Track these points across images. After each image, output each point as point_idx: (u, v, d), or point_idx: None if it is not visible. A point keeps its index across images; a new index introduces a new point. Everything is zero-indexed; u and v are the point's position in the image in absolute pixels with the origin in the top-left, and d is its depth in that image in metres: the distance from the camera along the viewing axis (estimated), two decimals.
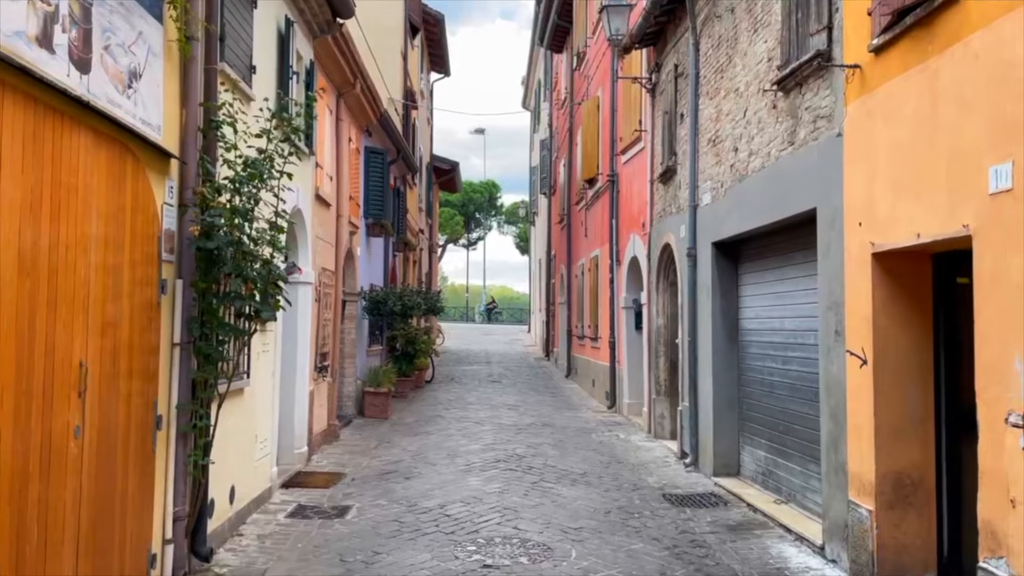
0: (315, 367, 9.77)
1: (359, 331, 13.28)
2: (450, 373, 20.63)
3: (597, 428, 12.26)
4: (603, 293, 15.17)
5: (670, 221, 10.58)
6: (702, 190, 9.11)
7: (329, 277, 10.51)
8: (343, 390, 12.59)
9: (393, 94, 17.60)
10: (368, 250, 14.07)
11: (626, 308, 13.37)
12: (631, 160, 13.07)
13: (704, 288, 9.02)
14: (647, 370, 11.81)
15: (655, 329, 11.42)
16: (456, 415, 13.35)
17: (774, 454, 7.69)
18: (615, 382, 13.92)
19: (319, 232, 9.91)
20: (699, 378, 9.17)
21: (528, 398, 15.88)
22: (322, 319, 10.08)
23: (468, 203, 52.40)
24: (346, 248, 11.83)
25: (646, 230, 11.98)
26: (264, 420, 7.40)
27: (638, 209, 12.57)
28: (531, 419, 13.01)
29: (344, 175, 11.33)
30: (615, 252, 13.96)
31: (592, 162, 16.10)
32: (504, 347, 31.32)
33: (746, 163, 7.72)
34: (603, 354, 15.09)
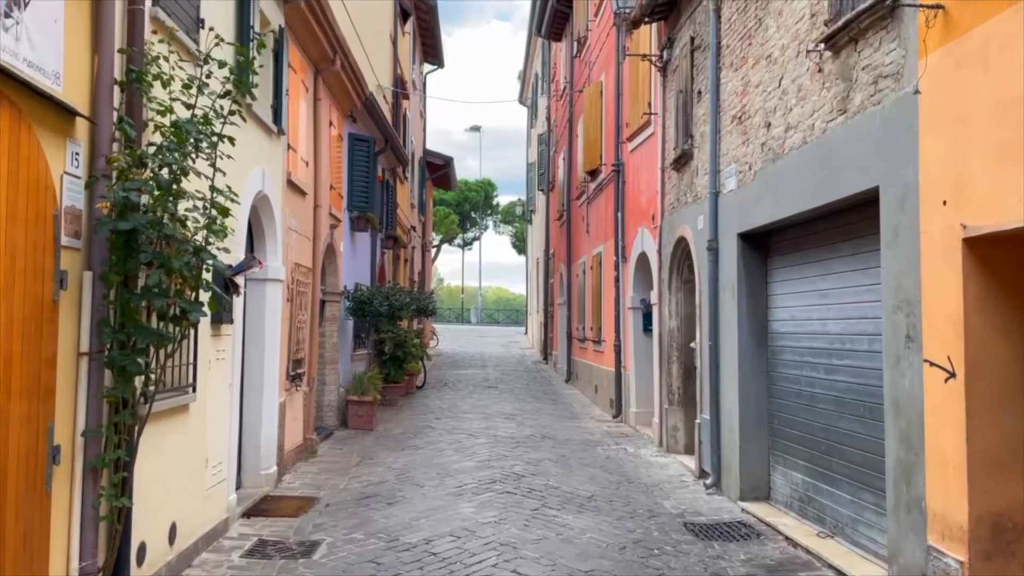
0: (287, 375, 8.67)
1: (342, 334, 12.17)
2: (443, 378, 19.52)
3: (603, 441, 11.16)
4: (607, 293, 14.08)
5: (685, 212, 9.49)
6: (725, 175, 8.03)
7: (305, 274, 9.41)
8: (323, 399, 11.48)
9: (382, 81, 16.51)
10: (353, 246, 12.97)
11: (633, 309, 12.29)
12: (639, 147, 11.99)
13: (728, 286, 7.93)
14: (658, 377, 10.72)
15: (667, 332, 10.34)
16: (448, 426, 12.24)
17: (815, 478, 6.60)
18: (621, 389, 12.83)
19: (292, 223, 8.81)
20: (722, 388, 8.09)
21: (526, 406, 14.78)
22: (296, 321, 8.98)
23: (463, 202, 51.33)
24: (326, 243, 10.73)
25: (656, 223, 10.90)
26: (218, 441, 6.29)
27: (647, 200, 11.49)
28: (530, 430, 11.92)
29: (323, 161, 10.22)
30: (621, 248, 12.88)
31: (594, 152, 15.02)
32: (500, 350, 30.22)
33: (782, 140, 6.64)
34: (607, 358, 14.00)
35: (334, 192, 11.22)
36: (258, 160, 7.33)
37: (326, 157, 10.57)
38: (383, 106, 15.45)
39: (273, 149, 7.90)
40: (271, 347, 7.97)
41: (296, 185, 8.86)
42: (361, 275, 13.57)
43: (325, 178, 10.53)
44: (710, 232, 8.26)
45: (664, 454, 10.11)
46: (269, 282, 7.95)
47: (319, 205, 9.95)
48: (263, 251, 7.93)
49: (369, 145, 12.81)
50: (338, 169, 11.67)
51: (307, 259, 9.57)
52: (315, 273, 9.91)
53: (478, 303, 55.63)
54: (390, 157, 16.04)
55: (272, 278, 7.96)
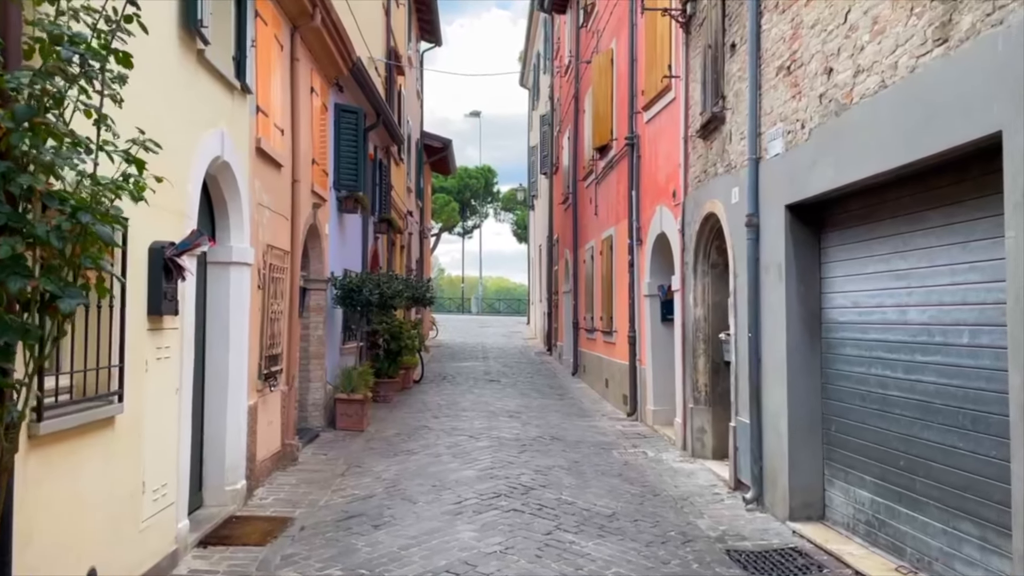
0: (260, 374, 7.51)
1: (329, 325, 11.01)
2: (443, 371, 18.38)
3: (618, 443, 10.01)
4: (620, 279, 12.91)
5: (715, 184, 8.31)
6: (768, 137, 6.84)
7: (281, 258, 8.24)
8: (307, 398, 10.33)
9: (374, 52, 15.28)
10: (341, 229, 11.80)
11: (650, 296, 11.11)
12: (657, 116, 10.79)
13: (772, 267, 6.76)
14: (680, 372, 9.56)
15: (692, 322, 9.17)
16: (447, 426, 11.09)
17: (889, 498, 5.44)
18: (636, 385, 11.68)
19: (264, 199, 7.63)
20: (764, 386, 6.93)
21: (531, 402, 13.63)
22: (270, 312, 7.81)
23: (464, 189, 50.09)
24: (308, 224, 9.55)
25: (678, 199, 9.71)
26: (161, 459, 5.13)
27: (666, 175, 10.30)
28: (537, 430, 10.77)
29: (303, 131, 9.04)
30: (635, 230, 11.70)
31: (604, 126, 13.81)
32: (502, 340, 29.09)
33: (848, 87, 5.45)
34: (620, 351, 12.84)
35: (317, 168, 10.04)
36: (215, 120, 6.14)
37: (307, 127, 9.39)
38: (375, 79, 14.24)
39: (236, 109, 6.71)
40: (237, 342, 6.81)
41: (268, 155, 7.67)
42: (351, 261, 12.40)
43: (306, 151, 9.35)
44: (749, 205, 7.08)
45: (689, 459, 8.96)
46: (234, 266, 6.78)
47: (298, 180, 8.76)
48: (226, 230, 6.76)
49: (358, 117, 11.61)
50: (322, 143, 10.48)
51: (284, 241, 8.39)
52: (294, 257, 8.74)
53: (479, 292, 54.49)
54: (383, 134, 14.84)
55: (237, 261, 6.79)
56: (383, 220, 14.90)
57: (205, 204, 6.60)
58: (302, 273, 9.51)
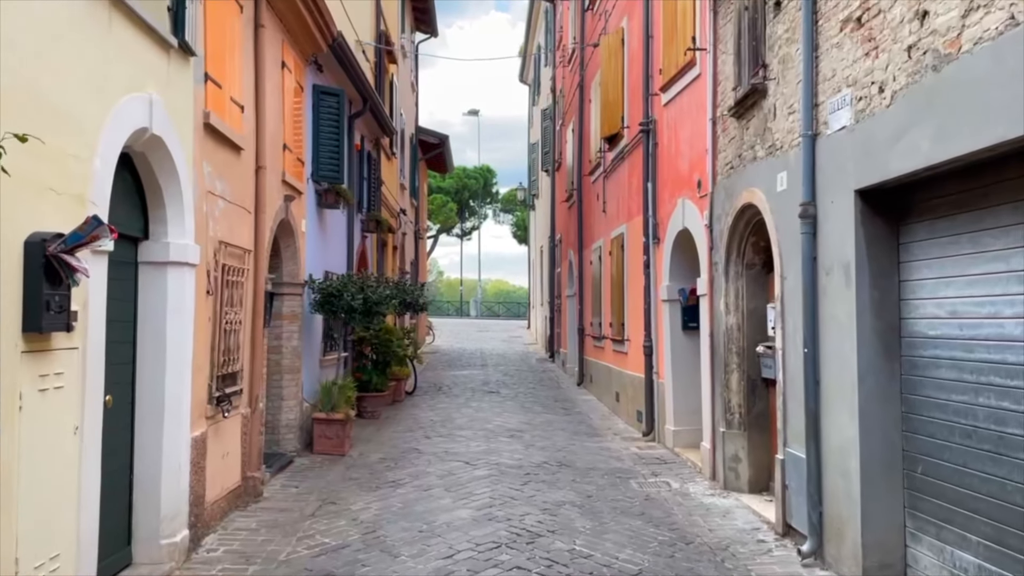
0: (210, 396, 6.23)
1: (307, 335, 9.74)
2: (438, 380, 17.10)
3: (635, 470, 8.73)
4: (633, 282, 11.64)
5: (753, 170, 7.05)
6: (830, 107, 5.57)
7: (240, 258, 6.96)
8: (278, 419, 9.04)
9: (362, 35, 14.02)
10: (321, 226, 10.52)
11: (669, 301, 9.84)
12: (677, 97, 9.52)
13: (836, 267, 5.48)
14: (708, 390, 8.29)
15: (722, 331, 7.90)
16: (439, 449, 9.81)
17: (1010, 567, 4.16)
18: (653, 401, 10.40)
19: (216, 186, 6.36)
20: (825, 414, 5.65)
21: (535, 418, 12.35)
22: (224, 322, 6.53)
23: (462, 189, 48.94)
24: (278, 219, 8.28)
25: (704, 190, 8.45)
26: (47, 524, 3.84)
27: (690, 163, 9.03)
28: (542, 454, 9.49)
29: (270, 110, 7.78)
30: (651, 226, 10.42)
31: (614, 114, 12.54)
32: (502, 346, 27.82)
33: (956, 30, 4.17)
34: (633, 362, 11.56)
35: (290, 155, 8.77)
36: (140, 82, 4.87)
37: (276, 107, 8.12)
38: (363, 65, 12.98)
39: (175, 74, 5.44)
40: (177, 360, 5.53)
41: (222, 134, 6.40)
42: (333, 262, 11.12)
43: (275, 134, 8.08)
44: (804, 192, 5.81)
45: (721, 492, 7.67)
46: (172, 267, 5.50)
47: (263, 167, 7.48)
48: (161, 222, 5.48)
49: (339, 101, 10.34)
50: (297, 127, 9.21)
51: (244, 238, 7.11)
52: (259, 257, 7.46)
53: (478, 296, 53.23)
54: (371, 124, 13.57)
55: (177, 261, 5.51)
56: (372, 218, 13.62)
57: (134, 190, 5.33)
58: (270, 276, 8.23)
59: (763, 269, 7.69)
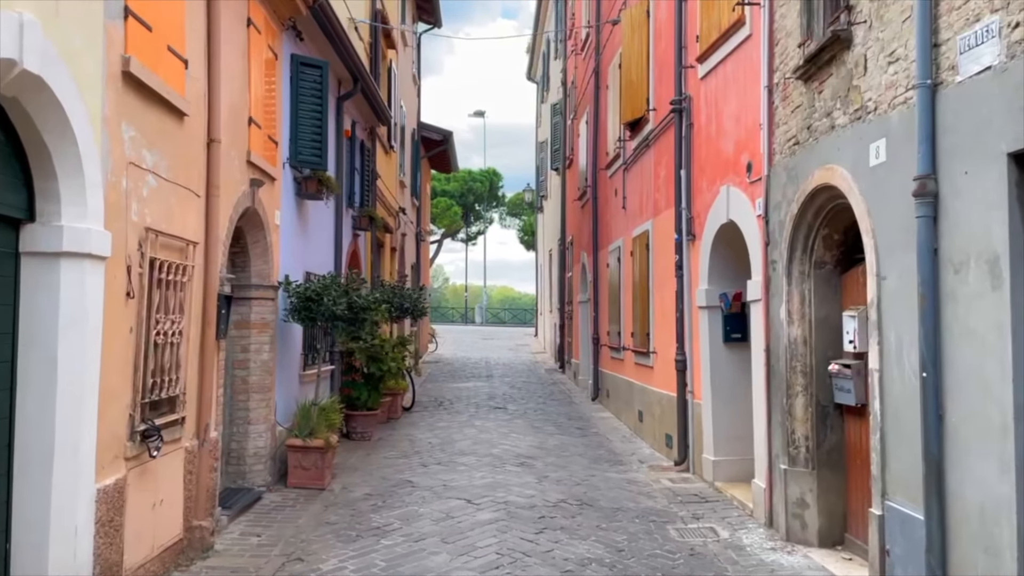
0: (130, 432, 4.77)
1: (282, 346, 8.29)
2: (439, 394, 15.62)
3: (672, 511, 7.24)
4: (661, 285, 10.16)
5: (831, 143, 5.58)
6: (962, 44, 4.10)
7: (182, 252, 5.51)
8: (244, 447, 7.58)
9: (355, 12, 12.61)
10: (301, 220, 9.08)
11: (708, 308, 8.36)
12: (720, 67, 8.06)
13: (975, 262, 4.01)
14: (763, 415, 6.81)
15: (783, 345, 6.42)
16: (437, 481, 8.33)
17: None
18: (687, 424, 8.90)
19: (145, 157, 4.92)
20: (953, 460, 4.17)
21: (547, 440, 10.87)
22: (155, 333, 5.07)
23: (467, 192, 47.41)
24: (242, 206, 6.84)
25: (756, 174, 6.99)
26: None
27: (737, 142, 7.57)
28: (558, 488, 8.01)
29: (229, 73, 6.35)
30: (685, 221, 8.94)
31: (637, 97, 11.08)
32: (508, 354, 26.34)
33: None
34: (661, 377, 10.08)
35: (259, 132, 7.34)
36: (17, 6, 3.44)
37: (238, 71, 6.70)
38: (356, 44, 11.57)
39: None
40: (72, 385, 4.07)
41: (153, 90, 4.96)
42: (317, 262, 9.67)
43: (237, 105, 6.65)
44: (921, 162, 4.34)
45: (785, 546, 6.17)
46: (68, 258, 4.05)
47: (216, 140, 6.04)
48: (52, 199, 4.04)
49: (322, 75, 8.90)
50: (270, 102, 7.79)
51: (189, 226, 5.67)
52: (211, 251, 6.01)
53: (483, 302, 51.78)
54: (364, 109, 12.14)
55: (74, 251, 4.06)
56: (365, 214, 12.18)
57: (12, 153, 3.89)
58: (230, 276, 6.78)
59: (835, 268, 6.22)
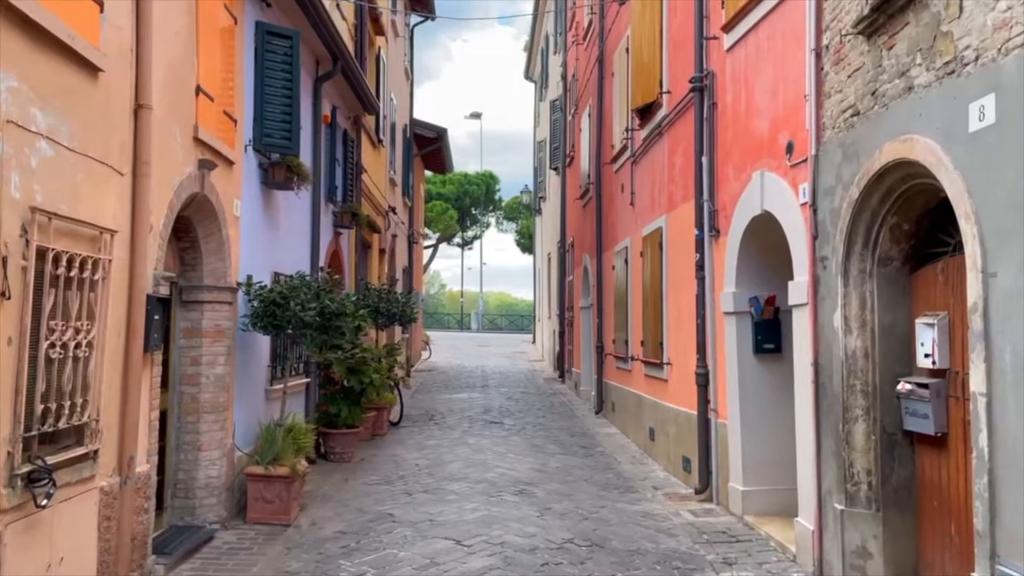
0: (8, 476, 3.62)
1: (244, 358, 7.15)
2: (430, 406, 14.47)
3: (698, 554, 6.10)
4: (676, 288, 9.03)
5: (908, 109, 4.47)
6: None
7: (93, 242, 4.38)
8: (195, 476, 6.43)
9: None
10: (268, 212, 7.95)
11: (735, 314, 7.24)
12: (751, 34, 6.96)
13: None
14: (811, 443, 5.68)
15: (838, 359, 5.30)
16: (421, 515, 7.18)
17: None
18: (710, 447, 7.77)
19: (33, 116, 3.78)
20: None
21: (548, 461, 9.72)
22: (48, 345, 3.93)
23: (463, 196, 46.33)
24: (186, 191, 5.71)
25: (801, 154, 5.88)
26: None
27: (773, 120, 6.46)
28: (563, 525, 6.86)
29: (163, 27, 5.23)
30: (708, 214, 7.83)
31: (648, 79, 9.98)
32: (505, 362, 25.23)
33: None
34: (677, 392, 8.95)
35: (211, 106, 6.22)
36: None
37: (181, 29, 5.57)
38: (339, 25, 10.47)
39: None
40: None
41: (46, 30, 3.83)
42: (288, 261, 8.52)
43: (179, 68, 5.53)
44: None
45: None
46: None
47: (146, 106, 4.91)
48: None
49: (293, 47, 7.78)
50: (228, 73, 6.67)
51: (104, 210, 4.53)
52: (138, 243, 4.88)
53: (479, 308, 50.66)
54: (346, 94, 11.02)
55: None
56: (347, 210, 11.05)
57: None
58: (167, 274, 5.64)
59: (903, 265, 5.11)
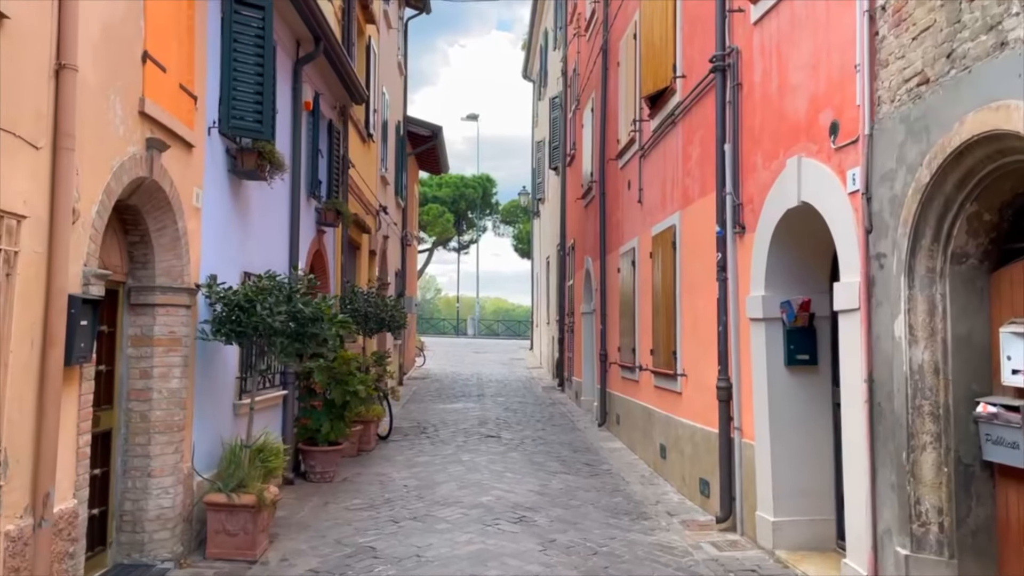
0: None
1: (205, 368, 6.28)
2: (422, 417, 13.59)
3: None
4: (692, 291, 8.17)
5: (997, 71, 3.62)
6: None
7: None
8: (145, 507, 5.55)
9: None
10: (237, 205, 7.09)
11: (764, 321, 6.38)
12: (783, 2, 6.11)
13: None
14: (863, 471, 4.82)
15: (902, 374, 4.44)
16: (407, 549, 6.29)
17: None
18: (732, 470, 6.90)
19: None
20: None
21: (550, 481, 8.84)
22: None
23: (459, 199, 45.46)
24: (129, 174, 4.85)
25: (849, 135, 5.04)
26: None
27: (812, 98, 5.61)
28: (569, 562, 5.98)
29: None
30: (730, 209, 6.97)
31: (661, 63, 9.14)
32: (501, 370, 24.37)
33: None
34: (692, 406, 8.08)
35: (163, 78, 5.36)
36: None
37: None
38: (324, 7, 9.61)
39: None
40: None
41: None
42: (261, 260, 7.63)
43: (120, 28, 4.67)
44: None
45: None
46: None
47: (69, 66, 4.05)
48: None
49: (265, 19, 6.92)
50: (186, 43, 5.81)
51: (9, 190, 3.67)
52: (58, 232, 4.01)
53: (476, 314, 49.82)
54: (331, 80, 10.16)
55: None
56: (332, 207, 10.18)
57: None
58: (103, 271, 4.76)
59: (981, 263, 4.26)
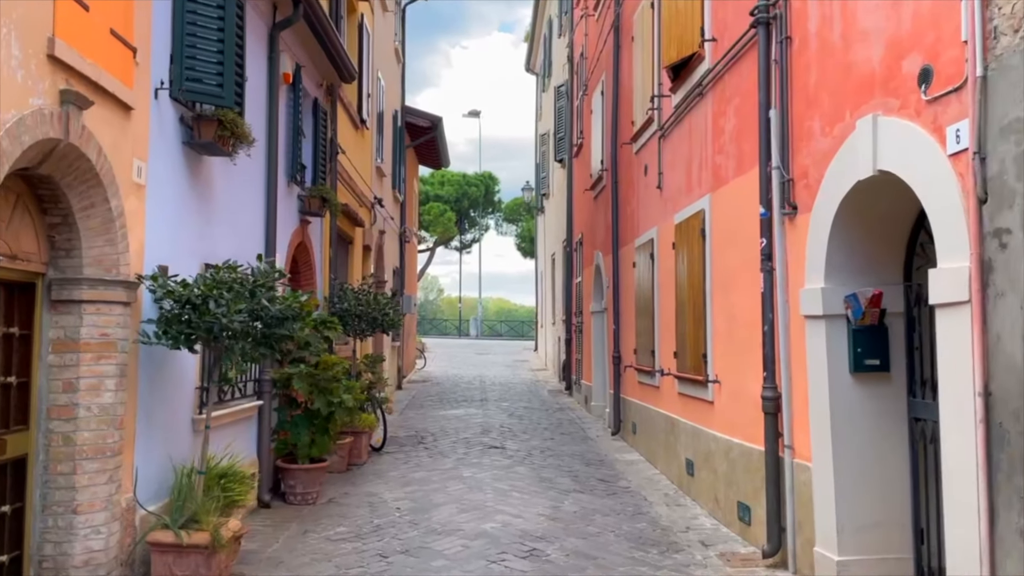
0: None
1: (152, 376, 5.23)
2: (420, 425, 12.53)
3: None
4: (726, 285, 7.10)
5: None
6: None
7: None
8: (70, 551, 4.49)
9: None
10: (194, 183, 6.03)
11: (824, 318, 5.30)
12: None
13: None
14: (979, 508, 3.75)
15: None
16: None
17: None
18: (781, 494, 5.83)
19: None
20: None
21: (563, 503, 7.78)
22: None
23: (462, 197, 44.43)
24: (34, 135, 3.79)
25: (950, 82, 3.96)
26: None
27: (892, 42, 4.53)
28: None
29: None
30: (778, 187, 5.90)
31: (686, 27, 8.07)
32: (505, 372, 23.32)
33: None
34: (727, 417, 7.01)
35: (83, 15, 4.32)
36: None
37: None
38: None
39: None
40: None
41: None
42: (227, 250, 6.54)
43: None
44: None
45: None
46: None
47: None
48: None
49: None
50: None
51: None
52: None
53: (478, 314, 48.78)
54: (315, 53, 9.10)
55: None
56: (316, 194, 9.12)
57: None
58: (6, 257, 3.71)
59: None
